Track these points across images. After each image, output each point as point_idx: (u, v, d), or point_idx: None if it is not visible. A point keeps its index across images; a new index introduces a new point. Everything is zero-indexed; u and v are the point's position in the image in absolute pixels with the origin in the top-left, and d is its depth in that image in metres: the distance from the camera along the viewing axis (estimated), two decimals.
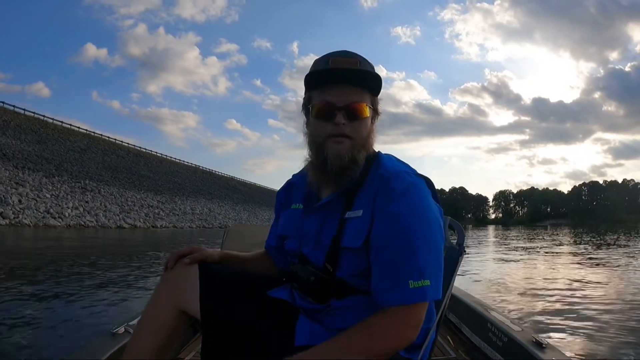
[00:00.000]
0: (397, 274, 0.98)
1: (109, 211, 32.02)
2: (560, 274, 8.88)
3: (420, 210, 1.03)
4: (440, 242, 1.04)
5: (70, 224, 26.04)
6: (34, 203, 25.89)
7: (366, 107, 1.09)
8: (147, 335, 1.13)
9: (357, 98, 1.08)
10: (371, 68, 1.13)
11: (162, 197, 44.96)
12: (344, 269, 1.08)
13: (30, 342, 3.38)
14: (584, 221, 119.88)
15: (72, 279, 6.85)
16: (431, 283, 0.98)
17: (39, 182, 30.65)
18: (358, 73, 1.09)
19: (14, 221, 22.53)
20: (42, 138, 43.42)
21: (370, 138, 1.13)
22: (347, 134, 1.07)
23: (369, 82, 1.11)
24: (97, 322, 4.07)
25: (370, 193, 1.06)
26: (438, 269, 1.02)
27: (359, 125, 1.09)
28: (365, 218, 1.05)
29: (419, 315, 1.00)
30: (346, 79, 1.08)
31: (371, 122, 1.13)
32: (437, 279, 1.01)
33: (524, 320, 4.52)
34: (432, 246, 1.01)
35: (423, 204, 1.04)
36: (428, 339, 1.13)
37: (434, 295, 0.99)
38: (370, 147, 1.14)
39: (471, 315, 2.57)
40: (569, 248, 17.76)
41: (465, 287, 3.63)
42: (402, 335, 0.99)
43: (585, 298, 5.96)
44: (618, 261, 11.45)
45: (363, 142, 1.10)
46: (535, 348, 1.83)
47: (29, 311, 4.49)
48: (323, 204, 1.14)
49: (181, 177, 60.15)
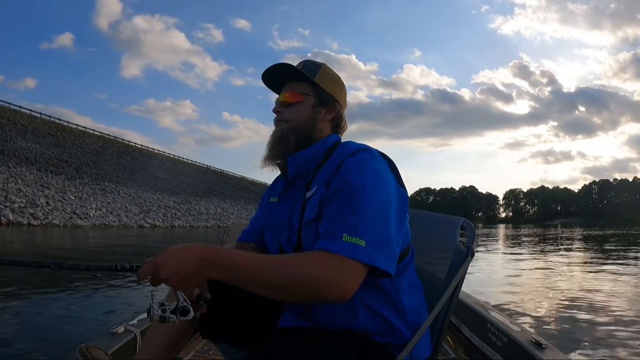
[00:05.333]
0: (335, 225, 0.97)
1: (130, 212, 33.11)
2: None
3: (372, 177, 1.03)
4: (389, 214, 1.01)
5: (96, 224, 27.11)
6: (60, 204, 26.96)
7: (296, 95, 1.21)
8: (158, 338, 1.26)
9: (289, 89, 1.23)
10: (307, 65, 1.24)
11: (177, 197, 45.98)
12: (307, 245, 1.10)
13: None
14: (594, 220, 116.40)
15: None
16: (366, 246, 0.94)
17: (62, 185, 31.76)
18: (281, 67, 1.22)
19: (44, 222, 23.64)
20: (59, 141, 44.20)
21: (312, 123, 1.21)
22: (281, 119, 1.22)
23: (294, 73, 1.22)
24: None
25: (328, 171, 1.11)
26: (382, 239, 0.97)
27: (291, 110, 1.21)
28: (320, 190, 1.09)
29: (352, 276, 0.93)
30: (276, 75, 1.25)
31: (312, 109, 1.21)
32: (377, 246, 0.95)
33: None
34: (378, 213, 0.99)
35: (377, 174, 1.05)
36: (417, 337, 1.08)
37: (366, 259, 0.93)
38: (316, 131, 1.21)
39: (471, 315, 2.52)
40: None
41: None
42: (328, 282, 0.91)
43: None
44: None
45: (300, 125, 1.20)
46: (535, 348, 1.81)
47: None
48: (282, 190, 1.23)
49: (194, 178, 60.88)
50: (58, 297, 5.45)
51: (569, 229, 53.61)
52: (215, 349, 2.34)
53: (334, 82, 1.26)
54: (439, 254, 1.31)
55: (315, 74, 1.22)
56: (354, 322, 1.09)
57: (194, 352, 2.36)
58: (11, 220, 21.64)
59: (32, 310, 4.68)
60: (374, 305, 1.09)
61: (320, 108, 1.21)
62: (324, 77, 1.23)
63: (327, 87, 1.23)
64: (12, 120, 41.54)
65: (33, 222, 22.82)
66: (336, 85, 1.26)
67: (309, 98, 1.21)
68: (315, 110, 1.21)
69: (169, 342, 1.26)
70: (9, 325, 4.05)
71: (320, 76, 1.22)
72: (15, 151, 33.89)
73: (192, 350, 2.37)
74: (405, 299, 1.12)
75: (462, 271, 1.18)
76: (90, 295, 5.75)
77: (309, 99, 1.21)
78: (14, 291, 5.75)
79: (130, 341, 1.89)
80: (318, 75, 1.22)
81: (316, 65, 1.24)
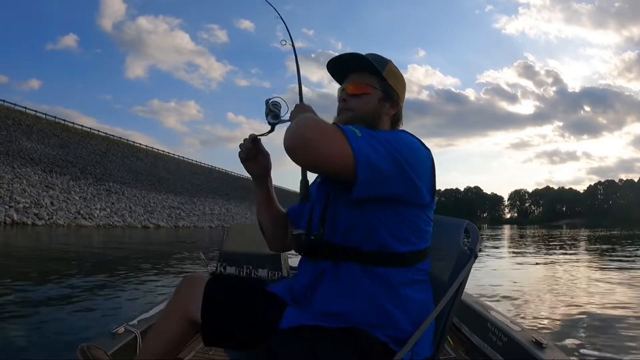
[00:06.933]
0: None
1: (134, 212, 33.22)
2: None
3: (401, 135, 1.12)
4: (398, 157, 1.03)
5: (100, 224, 27.24)
6: (65, 205, 27.09)
7: (364, 86, 1.24)
8: (160, 340, 1.27)
9: (356, 80, 1.26)
10: (374, 57, 1.25)
11: (181, 198, 46.09)
12: (339, 227, 1.14)
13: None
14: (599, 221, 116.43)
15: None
16: (361, 136, 1.01)
17: (67, 185, 31.88)
18: (351, 57, 1.25)
19: (49, 222, 23.78)
20: (64, 142, 44.43)
21: (377, 115, 1.24)
22: (347, 107, 1.25)
23: (362, 64, 1.24)
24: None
25: None
26: (371, 152, 1.00)
27: (358, 100, 1.24)
28: None
29: (327, 129, 1.00)
30: (345, 65, 1.28)
31: (378, 102, 1.24)
32: (369, 147, 1.00)
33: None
34: (385, 146, 1.02)
35: (407, 135, 1.14)
36: (418, 333, 1.06)
37: (354, 142, 0.99)
38: (379, 124, 1.24)
39: (471, 315, 2.51)
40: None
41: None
42: (308, 123, 0.99)
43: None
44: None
45: (365, 115, 1.23)
46: (535, 348, 1.81)
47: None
48: None
49: (198, 179, 61.10)
50: (58, 298, 5.47)
51: (574, 230, 53.58)
52: (215, 349, 2.34)
53: (399, 80, 1.29)
54: (443, 256, 1.32)
55: (383, 68, 1.25)
56: (355, 309, 1.09)
57: (194, 352, 2.36)
58: (15, 221, 21.80)
59: (33, 310, 4.70)
60: (376, 294, 1.09)
61: (385, 102, 1.25)
62: (390, 73, 1.26)
63: (392, 83, 1.26)
64: (17, 121, 41.75)
65: (37, 222, 22.95)
66: (400, 82, 1.29)
67: (375, 91, 1.24)
68: (381, 103, 1.25)
69: (171, 342, 1.26)
70: (10, 325, 4.08)
71: (387, 71, 1.25)
72: (20, 152, 34.03)
73: (192, 350, 2.38)
74: (410, 291, 1.12)
75: (465, 272, 1.20)
76: (91, 295, 5.79)
77: (376, 92, 1.24)
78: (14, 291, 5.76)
79: (131, 341, 1.90)
80: (386, 70, 1.25)
81: (384, 60, 1.27)
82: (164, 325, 1.28)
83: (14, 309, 4.74)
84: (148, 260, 10.33)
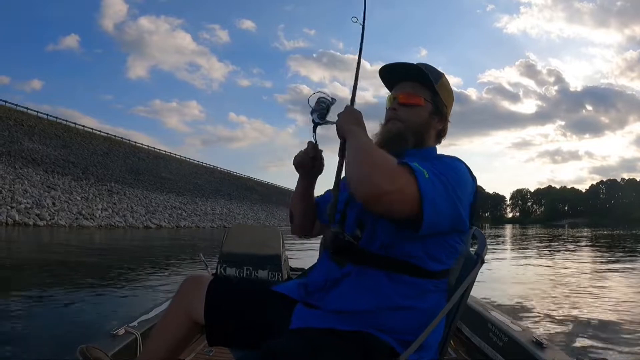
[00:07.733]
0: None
1: (136, 212, 33.19)
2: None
3: (455, 166, 1.10)
4: (453, 196, 1.03)
5: (102, 224, 27.22)
6: (66, 205, 27.10)
7: (417, 97, 1.21)
8: (162, 341, 1.27)
9: (409, 89, 1.23)
10: (429, 69, 1.23)
11: (183, 198, 46.06)
12: (378, 239, 1.13)
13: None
14: (601, 220, 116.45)
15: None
16: (428, 177, 0.99)
17: (69, 186, 31.89)
18: (405, 66, 1.24)
19: (50, 222, 23.78)
20: (66, 142, 44.41)
21: (426, 128, 1.23)
22: (397, 117, 1.22)
23: (416, 74, 1.21)
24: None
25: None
26: (436, 196, 0.99)
27: (408, 111, 1.22)
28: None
29: (400, 175, 0.98)
30: (398, 73, 1.27)
31: (429, 115, 1.22)
32: (435, 192, 0.99)
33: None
34: (446, 187, 1.02)
35: (460, 165, 1.12)
36: (423, 337, 1.05)
37: (423, 183, 0.98)
38: (427, 138, 1.24)
39: (471, 315, 2.51)
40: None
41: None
42: (381, 170, 0.97)
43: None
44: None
45: (416, 128, 1.21)
46: (535, 348, 1.81)
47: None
48: None
49: (200, 179, 61.04)
50: (58, 298, 5.49)
51: (576, 229, 53.46)
52: (216, 350, 2.34)
53: (450, 94, 1.27)
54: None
55: (437, 81, 1.23)
56: (370, 309, 1.09)
57: (195, 353, 2.36)
58: (17, 221, 21.81)
59: (33, 310, 4.72)
60: (396, 297, 1.10)
61: (435, 116, 1.23)
62: (443, 87, 1.24)
63: (444, 97, 1.24)
64: (19, 122, 41.72)
65: (39, 222, 22.96)
66: (451, 97, 1.27)
67: (427, 104, 1.22)
68: (431, 117, 1.23)
69: (172, 344, 1.27)
70: (10, 325, 4.09)
71: (440, 85, 1.23)
72: (22, 152, 34.06)
73: (193, 351, 2.37)
74: (430, 298, 1.13)
75: (471, 277, 1.20)
76: (91, 296, 5.79)
77: (427, 105, 1.22)
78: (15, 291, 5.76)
79: (131, 343, 1.89)
80: (439, 83, 1.23)
81: (438, 73, 1.25)
82: (166, 325, 1.28)
83: (14, 309, 4.76)
84: (149, 261, 10.36)
